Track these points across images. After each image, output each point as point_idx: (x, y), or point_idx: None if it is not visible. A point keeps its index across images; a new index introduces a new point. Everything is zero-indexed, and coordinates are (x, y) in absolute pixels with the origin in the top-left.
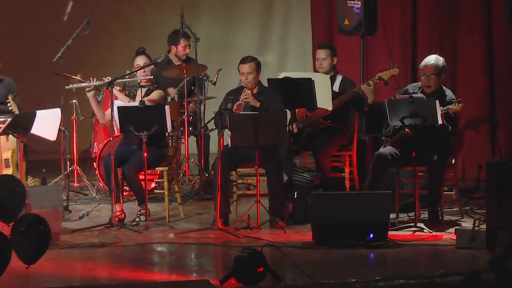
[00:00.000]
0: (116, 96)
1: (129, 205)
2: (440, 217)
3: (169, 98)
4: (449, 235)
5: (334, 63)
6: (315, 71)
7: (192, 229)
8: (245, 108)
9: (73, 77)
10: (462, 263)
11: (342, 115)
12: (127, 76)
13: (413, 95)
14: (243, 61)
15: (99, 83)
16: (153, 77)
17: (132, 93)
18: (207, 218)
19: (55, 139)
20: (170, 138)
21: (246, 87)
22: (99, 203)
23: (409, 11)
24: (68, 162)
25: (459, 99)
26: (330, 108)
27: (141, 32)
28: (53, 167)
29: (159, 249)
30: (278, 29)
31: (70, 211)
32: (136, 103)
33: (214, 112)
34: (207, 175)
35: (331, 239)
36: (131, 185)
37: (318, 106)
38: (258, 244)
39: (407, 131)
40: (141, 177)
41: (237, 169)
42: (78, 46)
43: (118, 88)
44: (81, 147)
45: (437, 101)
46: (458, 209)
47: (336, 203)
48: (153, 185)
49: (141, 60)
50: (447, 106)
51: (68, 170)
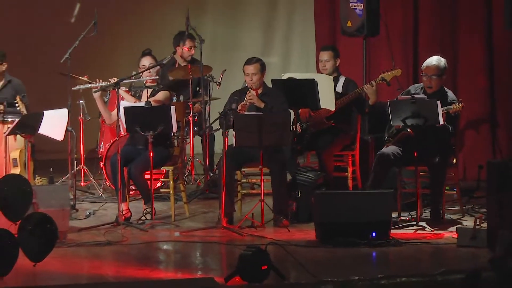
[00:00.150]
0: (122, 96)
1: (135, 204)
2: (441, 216)
3: (174, 99)
4: (450, 233)
5: (337, 65)
6: (318, 72)
7: (197, 228)
8: (250, 108)
9: (80, 78)
10: (463, 261)
11: (345, 115)
12: (133, 77)
13: (415, 95)
14: (248, 62)
15: (105, 84)
16: (158, 77)
17: (138, 94)
18: (212, 216)
19: (62, 139)
20: (175, 138)
21: (251, 88)
22: (106, 202)
23: (410, 13)
24: (75, 161)
25: (460, 99)
26: (333, 108)
27: (147, 33)
28: (61, 167)
29: (165, 247)
30: (282, 30)
31: (77, 210)
32: (142, 104)
33: (219, 112)
34: (212, 175)
35: (334, 237)
36: (137, 184)
37: (321, 106)
38: (262, 242)
39: (409, 131)
40: (147, 176)
41: (242, 169)
42: (84, 47)
43: (124, 88)
44: (88, 146)
45: (439, 102)
46: (459, 208)
47: (339, 202)
48: (159, 184)
49: (146, 61)
50: (447, 106)
51: (75, 169)
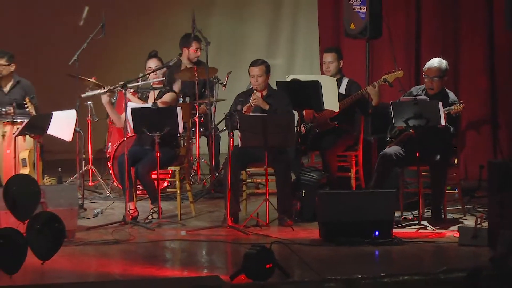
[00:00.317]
0: (129, 98)
1: (142, 204)
2: (443, 215)
3: (180, 100)
4: (452, 232)
5: (340, 66)
6: (322, 73)
7: (203, 227)
8: (255, 110)
9: (88, 79)
10: (464, 260)
11: (348, 116)
12: (140, 78)
13: (417, 97)
14: (254, 64)
15: (113, 87)
16: (164, 78)
17: (144, 95)
18: (218, 216)
19: (70, 140)
20: (181, 138)
21: (256, 89)
22: (113, 202)
23: (412, 15)
24: (83, 161)
25: (461, 100)
26: (336, 109)
27: (154, 35)
28: (69, 167)
29: (171, 246)
30: (286, 33)
31: (85, 209)
32: (149, 105)
33: (224, 113)
34: (217, 175)
35: (338, 236)
36: (144, 184)
37: (325, 107)
38: (267, 241)
39: (411, 131)
40: (154, 176)
41: (247, 169)
42: (92, 49)
43: (131, 90)
44: (95, 147)
45: (440, 103)
46: (460, 207)
47: (342, 201)
48: (166, 184)
49: (153, 63)
50: (448, 107)
51: (83, 169)
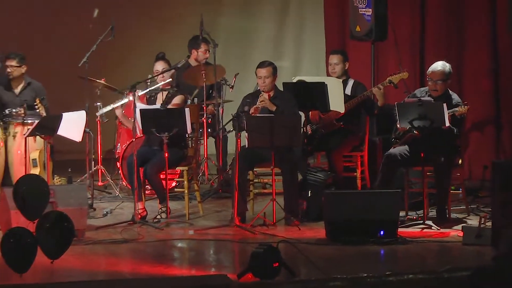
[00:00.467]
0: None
1: (151, 203)
2: (447, 215)
3: (188, 101)
4: (456, 232)
5: (346, 68)
6: (328, 75)
7: (210, 226)
8: (262, 111)
9: (98, 81)
10: (468, 259)
11: (354, 117)
12: (149, 80)
13: (422, 98)
14: (261, 65)
15: (124, 101)
16: (171, 79)
17: (152, 97)
18: (225, 215)
19: (80, 140)
20: (190, 139)
21: (263, 90)
22: (122, 201)
23: (417, 18)
24: (92, 162)
25: (465, 102)
26: (342, 110)
27: (162, 37)
28: (79, 167)
29: (179, 245)
30: (293, 35)
31: (94, 209)
32: (157, 106)
33: (232, 114)
34: (225, 175)
35: (344, 235)
36: (152, 184)
37: (331, 108)
38: (273, 240)
39: (415, 132)
40: (162, 176)
41: (254, 169)
42: (102, 51)
43: (140, 92)
44: (105, 147)
45: (445, 104)
46: (464, 207)
47: (348, 201)
48: (174, 184)
49: (159, 65)
50: (453, 108)
51: (92, 169)
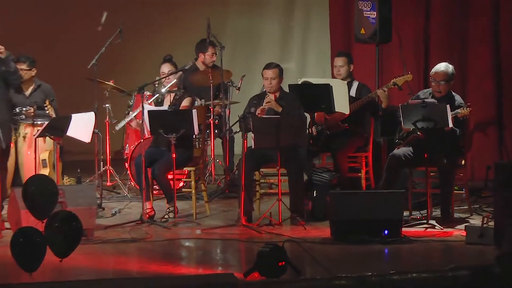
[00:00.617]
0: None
1: (159, 203)
2: (450, 215)
3: (196, 103)
4: (459, 231)
5: (351, 70)
6: (333, 77)
7: (217, 226)
8: (268, 112)
9: (106, 82)
10: (471, 258)
11: (358, 118)
12: (156, 82)
13: (426, 100)
14: (267, 67)
15: (135, 113)
16: (177, 80)
17: (160, 99)
18: (232, 215)
19: (89, 141)
20: (197, 140)
21: (269, 91)
22: (131, 201)
23: (421, 21)
24: (101, 162)
25: (468, 103)
26: (347, 112)
27: (170, 40)
28: (88, 167)
29: (187, 244)
30: (298, 38)
31: (103, 209)
32: (165, 107)
33: (238, 115)
34: (231, 175)
35: (348, 235)
36: (160, 184)
37: (336, 110)
38: (279, 239)
39: (419, 134)
40: (170, 176)
41: (260, 169)
42: (110, 53)
43: (148, 93)
44: (113, 148)
45: (448, 106)
46: (467, 207)
47: (353, 201)
48: (181, 184)
49: (166, 67)
50: (456, 110)
51: (101, 170)
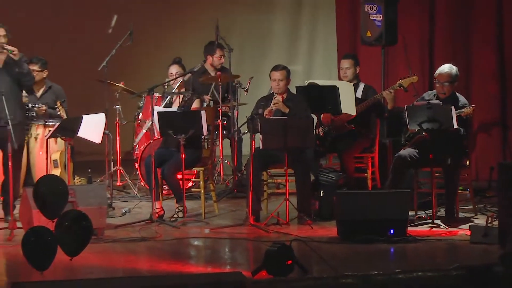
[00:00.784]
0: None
1: (168, 203)
2: (455, 215)
3: (204, 103)
4: (463, 231)
5: (357, 72)
6: (340, 79)
7: (226, 225)
8: (275, 113)
9: (117, 84)
10: (476, 257)
11: (364, 119)
12: (166, 84)
13: (431, 101)
14: (275, 68)
15: (149, 124)
16: (184, 80)
17: (169, 100)
18: (240, 214)
19: (100, 142)
20: (206, 140)
21: (276, 93)
22: (140, 201)
23: (426, 24)
24: (111, 162)
25: (472, 104)
26: (353, 113)
27: (179, 42)
28: (98, 168)
29: (196, 243)
30: (305, 41)
31: (113, 208)
32: (174, 109)
33: (246, 117)
34: (240, 175)
35: (355, 234)
36: (169, 184)
37: (342, 111)
38: (287, 239)
39: (424, 134)
40: (179, 176)
41: (268, 170)
42: (121, 55)
43: (157, 94)
44: (124, 149)
45: (453, 107)
46: (472, 207)
47: (359, 201)
48: (190, 184)
49: (174, 69)
50: (459, 110)
51: (112, 170)
